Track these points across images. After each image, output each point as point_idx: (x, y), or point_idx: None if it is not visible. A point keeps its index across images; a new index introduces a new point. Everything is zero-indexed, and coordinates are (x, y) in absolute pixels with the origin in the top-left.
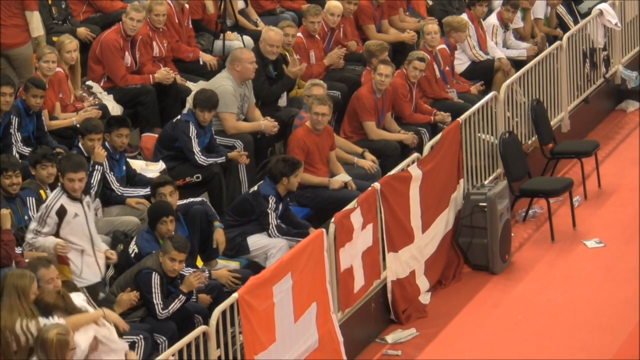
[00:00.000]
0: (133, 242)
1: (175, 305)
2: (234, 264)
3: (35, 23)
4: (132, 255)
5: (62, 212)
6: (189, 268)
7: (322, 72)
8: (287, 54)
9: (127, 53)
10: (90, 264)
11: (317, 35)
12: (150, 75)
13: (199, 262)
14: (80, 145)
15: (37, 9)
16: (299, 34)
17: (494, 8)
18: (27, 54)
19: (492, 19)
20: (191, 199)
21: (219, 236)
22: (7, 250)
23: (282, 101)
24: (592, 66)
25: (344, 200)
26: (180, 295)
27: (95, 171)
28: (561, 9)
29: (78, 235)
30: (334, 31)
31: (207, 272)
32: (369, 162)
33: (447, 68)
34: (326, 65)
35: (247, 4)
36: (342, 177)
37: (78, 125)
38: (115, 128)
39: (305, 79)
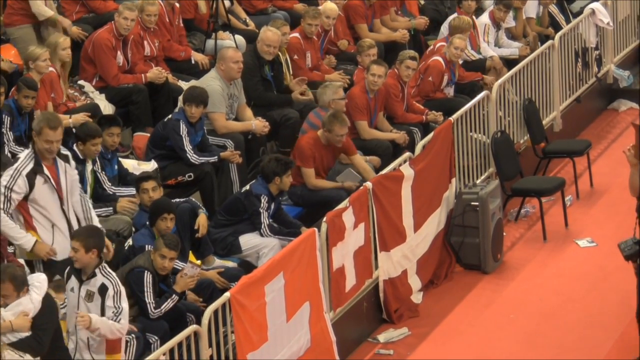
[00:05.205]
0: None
1: (167, 305)
2: (231, 264)
3: (35, 9)
4: (126, 248)
5: None
6: (182, 263)
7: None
8: (279, 54)
9: (119, 52)
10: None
11: (314, 37)
12: (143, 75)
13: (194, 260)
14: (75, 148)
15: None
16: (296, 35)
17: (485, 7)
18: (19, 35)
19: (484, 19)
20: (177, 199)
21: (202, 220)
22: None
23: None
24: (584, 65)
25: (332, 200)
26: (173, 295)
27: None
28: (553, 8)
29: None
30: (327, 32)
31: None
32: (376, 157)
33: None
34: (324, 78)
35: (233, 2)
36: (354, 180)
37: (73, 127)
38: (107, 127)
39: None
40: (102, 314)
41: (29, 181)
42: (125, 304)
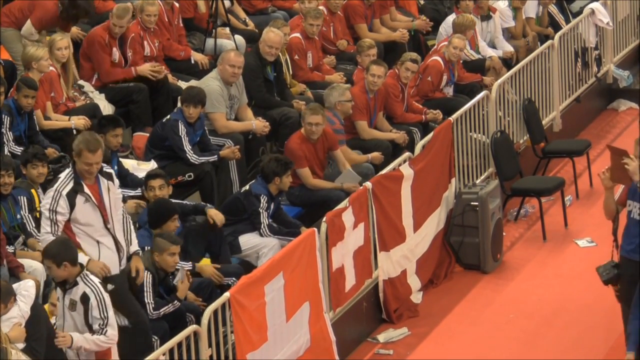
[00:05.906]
0: None
1: (167, 309)
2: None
3: (24, 31)
4: None
5: None
6: (182, 262)
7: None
8: (279, 54)
9: (114, 49)
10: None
11: (315, 37)
12: (133, 68)
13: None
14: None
15: (37, 27)
16: (297, 35)
17: None
18: (5, 36)
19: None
20: (186, 201)
21: (212, 212)
22: None
23: None
24: (583, 65)
25: (331, 200)
26: (175, 302)
27: None
28: (553, 8)
29: None
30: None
31: (190, 266)
32: (379, 155)
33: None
34: (324, 79)
35: (233, 2)
36: (353, 181)
37: (74, 129)
38: (111, 128)
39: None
40: (87, 322)
41: (70, 201)
42: (111, 312)
